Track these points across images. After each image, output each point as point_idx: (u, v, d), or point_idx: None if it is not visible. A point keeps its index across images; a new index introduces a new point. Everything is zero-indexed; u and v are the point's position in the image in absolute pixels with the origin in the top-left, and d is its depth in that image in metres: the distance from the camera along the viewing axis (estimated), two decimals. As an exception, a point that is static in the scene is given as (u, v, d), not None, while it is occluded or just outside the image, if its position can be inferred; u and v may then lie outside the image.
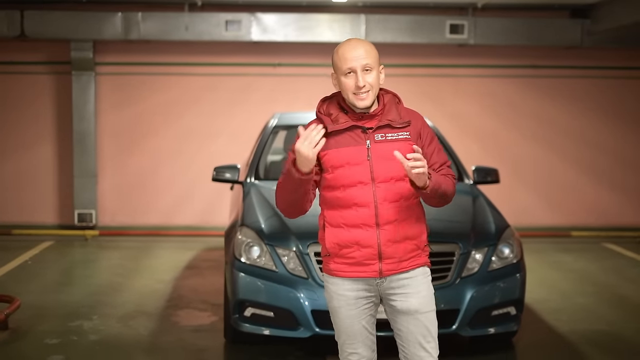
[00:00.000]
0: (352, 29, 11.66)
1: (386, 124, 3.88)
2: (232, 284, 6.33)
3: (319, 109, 4.00)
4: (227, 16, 11.60)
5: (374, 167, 3.85)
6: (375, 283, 3.96)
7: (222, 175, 7.70)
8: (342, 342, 4.10)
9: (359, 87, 3.82)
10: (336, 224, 3.94)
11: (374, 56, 3.88)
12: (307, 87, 12.32)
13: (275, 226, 6.44)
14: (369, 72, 3.84)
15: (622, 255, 10.74)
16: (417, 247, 3.96)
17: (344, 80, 3.86)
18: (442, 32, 11.68)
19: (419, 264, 3.98)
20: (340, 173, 3.88)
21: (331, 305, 4.07)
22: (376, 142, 3.87)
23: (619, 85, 12.39)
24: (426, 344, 3.96)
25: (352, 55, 3.84)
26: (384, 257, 3.90)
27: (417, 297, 3.95)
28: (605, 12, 11.21)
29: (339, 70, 3.88)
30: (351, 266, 3.95)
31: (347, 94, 3.87)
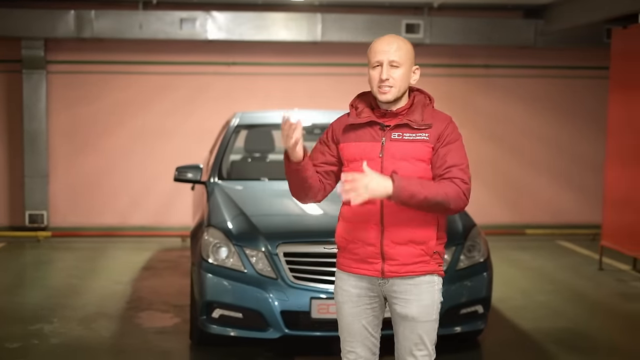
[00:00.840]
0: (308, 28, 11.64)
1: (405, 124, 3.85)
2: (199, 285, 6.25)
3: (352, 101, 4.03)
4: (181, 14, 11.49)
5: (385, 165, 3.82)
6: (377, 283, 3.93)
7: (184, 175, 7.61)
8: (343, 340, 4.08)
9: (381, 80, 3.80)
10: (347, 218, 3.94)
11: (405, 54, 3.85)
12: (263, 86, 12.28)
13: (243, 226, 6.38)
14: (396, 68, 3.82)
15: (577, 253, 10.86)
16: (424, 252, 3.87)
17: (371, 73, 3.86)
18: (397, 32, 11.67)
19: (426, 271, 3.89)
20: (354, 167, 3.87)
21: (336, 300, 4.08)
22: (392, 141, 3.84)
23: (573, 84, 12.55)
24: (417, 351, 3.93)
25: (382, 49, 3.84)
26: (387, 258, 3.87)
27: (418, 305, 3.90)
28: (558, 13, 11.33)
29: (369, 63, 3.88)
30: (356, 262, 3.95)
31: (372, 87, 3.87)
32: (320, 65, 12.37)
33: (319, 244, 6.10)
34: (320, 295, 5.97)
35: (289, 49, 12.21)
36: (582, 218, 12.55)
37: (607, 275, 9.48)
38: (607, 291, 8.75)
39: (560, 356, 6.56)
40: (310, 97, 12.26)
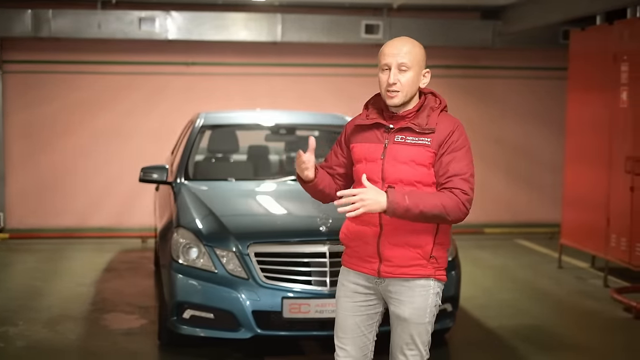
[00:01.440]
0: (268, 28, 11.63)
1: (408, 127, 3.86)
2: (170, 286, 6.24)
3: (367, 102, 4.08)
4: (140, 14, 11.41)
5: (385, 167, 3.86)
6: (374, 281, 3.98)
7: (149, 175, 7.56)
8: (336, 336, 4.10)
9: (389, 84, 3.82)
10: (351, 217, 3.97)
11: (415, 57, 3.84)
12: (222, 86, 12.25)
13: (213, 227, 6.37)
14: (404, 71, 3.82)
15: (535, 252, 11.00)
16: (420, 256, 3.88)
17: (380, 76, 3.88)
18: (357, 32, 11.75)
19: (422, 274, 3.90)
20: (359, 167, 3.96)
21: (336, 295, 4.14)
22: (394, 143, 3.87)
23: (530, 85, 12.70)
24: (408, 351, 3.97)
25: (391, 52, 3.84)
26: (383, 259, 3.91)
27: (410, 307, 3.92)
28: (516, 14, 11.47)
29: (379, 65, 3.89)
30: (356, 260, 4.01)
31: (381, 90, 3.89)
32: (279, 65, 12.38)
33: (290, 244, 6.13)
34: (292, 295, 5.98)
35: (249, 49, 12.20)
36: (539, 217, 12.72)
37: (566, 273, 9.62)
38: (568, 289, 8.89)
39: (528, 354, 6.66)
40: (269, 97, 12.26)
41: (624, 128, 8.55)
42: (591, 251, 9.41)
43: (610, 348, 6.91)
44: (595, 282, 9.16)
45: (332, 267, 6.03)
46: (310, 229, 6.22)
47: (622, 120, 8.58)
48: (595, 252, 9.29)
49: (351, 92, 12.37)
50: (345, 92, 12.36)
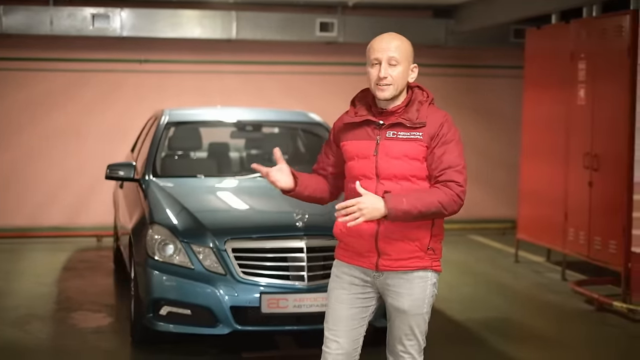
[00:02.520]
0: (223, 25, 11.60)
1: (399, 122, 3.89)
2: (145, 283, 6.21)
3: (353, 98, 4.08)
4: (93, 11, 11.28)
5: (379, 163, 3.88)
6: (372, 275, 3.99)
7: (116, 172, 7.50)
8: (327, 327, 4.08)
9: (380, 78, 3.84)
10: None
11: (404, 52, 3.88)
12: (176, 84, 12.18)
13: (189, 223, 6.36)
14: (394, 66, 3.85)
15: (490, 247, 11.18)
16: (418, 248, 3.91)
17: (369, 71, 3.89)
18: (312, 30, 11.79)
19: (419, 266, 3.94)
20: (351, 165, 3.97)
21: (329, 287, 4.13)
22: (386, 139, 3.89)
23: (483, 83, 12.88)
24: (407, 341, 4.00)
25: (381, 46, 3.88)
26: (382, 253, 3.92)
27: (409, 298, 3.95)
28: (469, 13, 11.62)
29: (368, 61, 3.91)
30: (352, 254, 4.02)
31: (371, 85, 3.90)
32: (233, 63, 12.35)
33: (267, 240, 6.16)
34: (270, 290, 6.01)
35: (203, 47, 12.15)
36: (491, 213, 12.90)
37: (523, 267, 9.80)
38: (527, 282, 9.06)
39: (500, 345, 6.79)
40: (223, 95, 12.22)
41: (582, 125, 8.74)
42: (548, 245, 9.60)
43: (579, 339, 7.09)
44: (553, 275, 9.35)
45: (309, 262, 6.09)
46: (287, 224, 6.26)
47: (580, 117, 8.77)
48: (552, 246, 9.48)
49: (305, 90, 12.43)
50: (299, 90, 12.40)
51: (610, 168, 8.35)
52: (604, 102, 8.42)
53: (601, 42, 8.45)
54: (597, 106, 8.51)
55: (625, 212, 8.09)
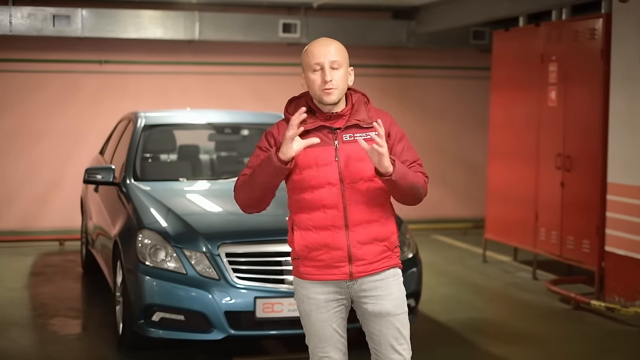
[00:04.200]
0: (185, 26, 11.50)
1: (354, 124, 3.86)
2: (137, 289, 6.14)
3: (287, 109, 3.96)
4: (54, 11, 11.09)
5: (343, 168, 3.83)
6: (346, 285, 3.91)
7: (94, 176, 7.40)
8: (313, 346, 4.01)
9: (325, 82, 3.78)
10: (305, 226, 3.88)
11: (343, 55, 3.86)
12: (136, 85, 12.05)
13: (180, 227, 6.31)
14: (336, 69, 3.81)
15: (455, 247, 11.27)
16: (387, 248, 3.92)
17: (311, 77, 3.83)
18: (275, 31, 11.76)
19: (390, 265, 3.92)
20: (308, 174, 3.84)
21: (301, 309, 4.01)
22: (344, 143, 3.84)
23: (445, 84, 12.99)
24: (398, 345, 3.94)
25: (321, 51, 3.82)
26: (354, 259, 3.85)
27: (389, 299, 3.91)
28: (429, 15, 11.72)
29: (308, 67, 3.84)
30: (321, 269, 3.89)
31: (315, 90, 3.83)
32: (195, 64, 12.27)
33: (261, 244, 6.15)
34: (265, 295, 5.99)
35: (164, 48, 12.04)
36: (451, 212, 13.02)
37: (492, 267, 9.91)
38: (500, 282, 9.16)
39: (488, 346, 6.87)
40: (183, 96, 12.12)
41: (553, 126, 8.86)
42: (518, 245, 9.72)
43: (562, 337, 7.18)
44: (523, 275, 9.47)
45: (304, 266, 6.07)
46: (280, 228, 6.18)
47: (552, 118, 8.90)
48: (522, 246, 9.60)
49: (267, 91, 12.39)
50: (261, 91, 12.37)
51: (582, 169, 8.49)
52: (576, 104, 8.56)
53: (573, 44, 8.58)
54: (569, 108, 8.64)
55: (599, 211, 8.23)
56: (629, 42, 7.85)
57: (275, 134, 3.94)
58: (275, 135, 3.94)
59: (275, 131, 3.96)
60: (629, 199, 7.85)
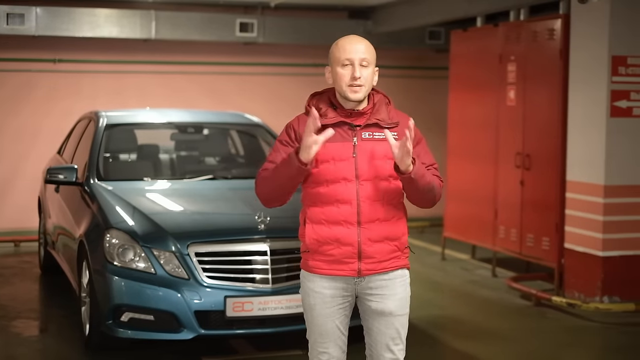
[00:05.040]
0: (142, 25, 11.42)
1: (374, 123, 3.88)
2: (105, 289, 6.09)
3: (309, 103, 3.97)
4: (7, 9, 10.92)
5: (359, 165, 3.84)
6: (353, 282, 3.93)
7: (56, 176, 7.30)
8: (314, 341, 4.02)
9: (354, 78, 3.80)
10: (317, 220, 3.90)
11: (372, 54, 3.90)
12: (90, 84, 11.94)
13: (148, 227, 6.26)
14: (365, 67, 3.84)
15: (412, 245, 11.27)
16: (397, 248, 3.93)
17: (340, 71, 3.84)
18: (232, 30, 11.73)
19: (399, 265, 3.95)
20: (325, 168, 3.86)
21: (306, 303, 4.01)
22: (363, 140, 3.86)
23: (399, 83, 13.04)
24: (394, 346, 3.97)
25: (352, 48, 3.84)
26: (364, 257, 3.87)
27: (394, 299, 3.94)
28: (386, 15, 11.79)
29: (336, 61, 3.85)
30: (330, 264, 3.90)
31: (341, 86, 3.84)
32: (151, 63, 12.18)
33: (230, 243, 6.15)
34: (235, 294, 5.99)
35: (119, 47, 11.94)
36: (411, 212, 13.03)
37: (451, 265, 10.01)
38: (460, 280, 9.26)
39: (453, 343, 6.95)
40: (139, 96, 12.04)
41: (512, 125, 8.97)
42: (477, 243, 9.82)
43: (525, 333, 7.28)
44: (482, 272, 9.57)
45: (273, 265, 6.09)
46: (250, 227, 6.24)
47: (511, 117, 9.01)
48: (481, 244, 9.71)
49: (224, 90, 12.37)
50: (217, 91, 12.34)
51: (542, 167, 8.61)
52: (535, 103, 8.68)
53: (532, 44, 8.70)
54: (529, 107, 8.76)
55: (559, 209, 8.36)
56: (587, 43, 7.98)
57: (295, 127, 3.96)
58: (295, 128, 3.96)
59: (295, 124, 3.98)
60: (587, 197, 7.98)
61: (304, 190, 3.99)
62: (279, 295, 6.06)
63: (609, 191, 7.85)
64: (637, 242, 7.97)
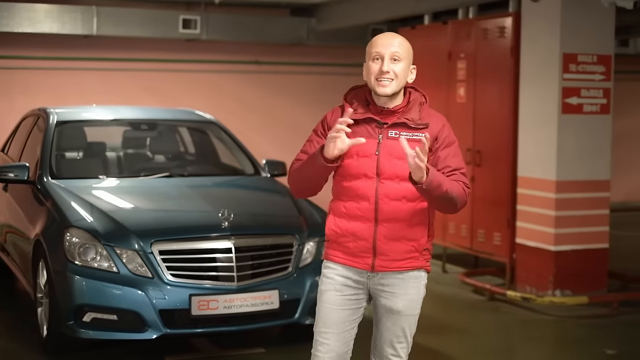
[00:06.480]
0: (83, 21, 11.22)
1: (402, 122, 3.85)
2: (66, 289, 5.95)
3: (346, 95, 3.98)
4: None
5: (381, 163, 3.83)
6: (366, 276, 3.93)
7: (6, 175, 7.11)
8: (318, 331, 4.00)
9: (382, 72, 3.77)
10: (338, 212, 3.93)
11: (406, 50, 3.85)
12: (27, 82, 11.69)
13: (109, 225, 6.14)
14: (397, 61, 3.80)
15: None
16: (414, 249, 3.91)
17: (370, 65, 3.83)
18: (175, 27, 11.61)
19: (414, 266, 3.93)
20: (349, 163, 3.87)
21: (319, 290, 4.03)
22: (388, 139, 3.83)
23: (339, 80, 13.04)
24: (397, 343, 3.99)
25: (384, 42, 3.82)
26: (378, 253, 3.87)
27: (404, 298, 3.93)
28: (329, 13, 11.80)
29: (368, 56, 3.84)
30: (345, 255, 3.94)
31: (370, 79, 3.83)
32: (92, 60, 11.98)
33: (195, 240, 6.08)
34: (200, 292, 5.92)
35: (58, 43, 11.71)
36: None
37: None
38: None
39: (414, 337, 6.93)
40: (79, 93, 11.83)
41: (463, 122, 9.04)
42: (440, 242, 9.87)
43: (483, 328, 7.37)
44: (432, 268, 9.57)
45: (238, 262, 6.04)
46: (214, 224, 6.18)
47: (461, 114, 9.08)
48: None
49: (165, 88, 12.24)
50: (159, 88, 12.20)
51: (492, 163, 8.72)
52: (485, 100, 8.77)
53: (483, 42, 8.80)
54: (479, 104, 8.85)
55: (510, 205, 8.47)
56: (538, 40, 8.10)
57: (328, 119, 3.98)
58: (328, 119, 3.98)
59: (329, 115, 4.00)
60: (539, 192, 8.10)
61: (333, 182, 4.01)
62: (245, 292, 6.01)
63: (560, 186, 7.98)
64: (588, 236, 8.12)
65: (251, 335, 6.68)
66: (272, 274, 6.18)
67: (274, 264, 6.24)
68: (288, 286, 6.21)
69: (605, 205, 8.22)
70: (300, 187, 4.00)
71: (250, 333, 6.50)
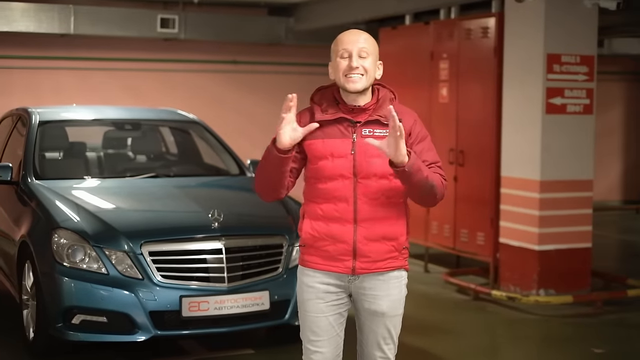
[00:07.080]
0: (60, 20, 11.14)
1: (375, 120, 3.80)
2: (54, 291, 5.89)
3: (313, 96, 3.91)
4: None
5: (357, 162, 3.77)
6: (347, 280, 3.87)
7: (-12, 175, 7.02)
8: (307, 340, 3.94)
9: (351, 68, 3.72)
10: (315, 215, 3.85)
11: (372, 46, 3.81)
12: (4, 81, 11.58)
13: (98, 226, 6.07)
14: (365, 58, 3.76)
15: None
16: (394, 249, 3.85)
17: (338, 61, 3.77)
18: (153, 26, 11.56)
19: (394, 267, 3.88)
20: (323, 164, 3.80)
21: (300, 299, 3.95)
22: (363, 137, 3.77)
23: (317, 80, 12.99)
24: (384, 345, 3.94)
25: (350, 39, 3.78)
26: (359, 255, 3.81)
27: (387, 300, 3.88)
28: (307, 13, 11.79)
29: (335, 53, 3.79)
30: (324, 259, 3.85)
31: (339, 77, 3.77)
32: (68, 59, 11.89)
33: (185, 241, 6.03)
34: (191, 293, 5.88)
35: (34, 42, 11.61)
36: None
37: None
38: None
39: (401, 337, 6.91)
40: (55, 93, 11.75)
41: (445, 122, 9.07)
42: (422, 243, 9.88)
43: (470, 327, 7.37)
44: (415, 268, 9.61)
45: (229, 263, 6.00)
46: (204, 225, 6.14)
47: (443, 114, 9.10)
48: (413, 240, 9.73)
49: (142, 87, 12.18)
50: (136, 88, 12.15)
51: (475, 163, 8.74)
52: (468, 100, 8.79)
53: (465, 42, 8.82)
54: (462, 104, 8.87)
55: (493, 205, 8.50)
56: (522, 41, 8.13)
57: (298, 122, 3.85)
58: (299, 123, 3.85)
59: (297, 118, 3.86)
60: (523, 192, 8.13)
61: (305, 185, 3.95)
62: (235, 293, 5.98)
63: (544, 186, 8.02)
64: (572, 236, 8.17)
65: (240, 336, 6.64)
66: (263, 274, 6.15)
67: (264, 265, 6.21)
68: (278, 287, 6.18)
69: (588, 205, 8.27)
70: (262, 188, 3.91)
71: (238, 334, 6.46)
